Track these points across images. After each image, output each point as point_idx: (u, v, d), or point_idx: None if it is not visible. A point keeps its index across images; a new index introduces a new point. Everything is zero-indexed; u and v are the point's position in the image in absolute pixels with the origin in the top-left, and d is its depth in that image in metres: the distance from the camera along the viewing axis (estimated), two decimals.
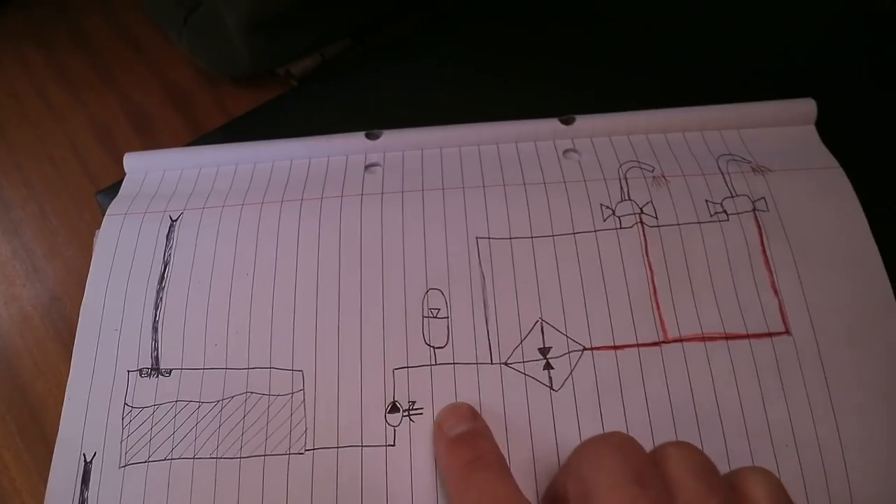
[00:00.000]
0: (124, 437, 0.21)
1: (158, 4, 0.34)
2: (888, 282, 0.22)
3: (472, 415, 0.20)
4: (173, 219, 0.24)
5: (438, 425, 0.20)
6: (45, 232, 0.31)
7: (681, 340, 0.22)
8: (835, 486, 0.20)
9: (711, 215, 0.23)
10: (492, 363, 0.21)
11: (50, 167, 0.33)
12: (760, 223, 0.23)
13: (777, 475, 0.19)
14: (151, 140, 0.34)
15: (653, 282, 0.22)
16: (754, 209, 0.24)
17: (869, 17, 0.33)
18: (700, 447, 0.20)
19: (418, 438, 0.20)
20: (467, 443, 0.19)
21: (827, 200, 0.24)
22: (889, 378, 0.21)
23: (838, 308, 0.22)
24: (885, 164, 0.27)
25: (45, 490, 0.21)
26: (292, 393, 0.21)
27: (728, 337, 0.22)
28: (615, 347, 0.22)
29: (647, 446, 0.20)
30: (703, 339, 0.22)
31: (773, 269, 0.23)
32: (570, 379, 0.21)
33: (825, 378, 0.21)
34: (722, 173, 0.24)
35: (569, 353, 0.22)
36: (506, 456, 0.20)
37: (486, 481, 0.17)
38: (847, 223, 0.23)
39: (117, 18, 0.38)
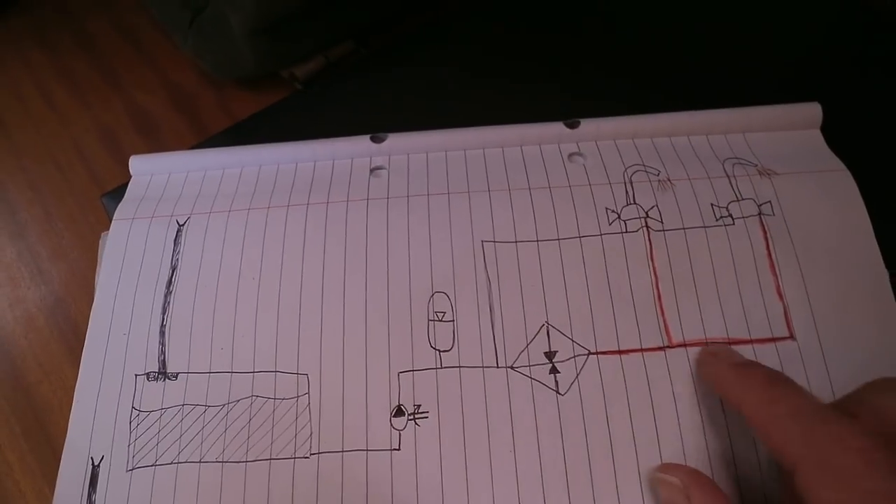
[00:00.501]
0: (132, 440, 0.21)
1: (163, 8, 0.34)
2: (889, 286, 0.22)
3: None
4: (180, 223, 0.25)
5: (714, 356, 0.21)
6: (50, 234, 0.31)
7: (685, 345, 0.22)
8: None
9: (717, 219, 0.23)
10: (497, 367, 0.21)
11: (55, 170, 0.33)
12: (766, 227, 0.23)
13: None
14: (156, 143, 0.34)
15: (657, 286, 0.23)
16: (760, 213, 0.24)
17: (872, 19, 0.33)
18: (706, 452, 0.20)
19: (424, 442, 0.21)
20: (758, 365, 0.19)
21: (832, 203, 0.24)
22: None
23: (842, 312, 0.22)
24: (890, 167, 0.27)
25: (49, 492, 0.21)
26: (297, 396, 0.21)
27: (732, 342, 0.22)
28: (620, 352, 0.22)
29: (653, 450, 0.20)
30: (707, 343, 0.22)
31: (778, 273, 0.23)
32: (576, 383, 0.21)
33: (830, 382, 0.21)
34: (728, 177, 0.24)
35: (574, 357, 0.22)
36: (512, 460, 0.20)
37: (793, 393, 0.18)
38: (851, 226, 0.23)
39: (122, 21, 0.39)
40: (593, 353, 0.22)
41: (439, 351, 0.22)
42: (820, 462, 0.15)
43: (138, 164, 0.27)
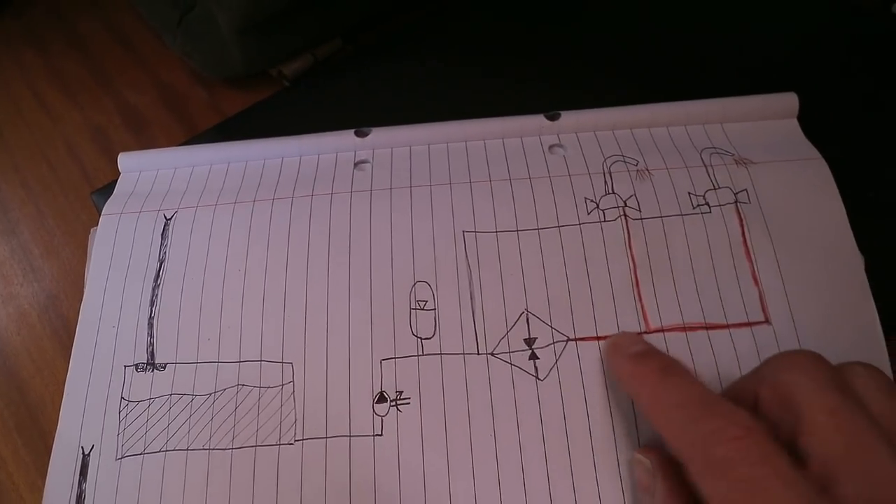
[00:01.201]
0: (121, 430, 0.22)
1: (152, 8, 0.35)
2: (863, 271, 0.23)
3: (643, 339, 0.21)
4: (168, 217, 0.25)
5: (615, 347, 0.21)
6: (43, 232, 0.32)
7: (662, 331, 0.22)
8: None
9: (694, 207, 0.24)
10: (478, 353, 0.22)
11: (47, 168, 0.34)
12: (742, 215, 0.24)
13: None
14: (147, 141, 0.34)
15: (635, 274, 0.23)
16: (736, 201, 0.24)
17: (851, 11, 0.34)
18: None
19: (406, 428, 0.21)
20: (652, 355, 0.20)
21: (807, 191, 0.24)
22: None
23: (817, 298, 0.22)
24: (865, 156, 0.28)
25: (42, 484, 0.22)
26: (282, 385, 0.22)
27: (708, 327, 0.22)
28: (598, 338, 0.22)
29: (631, 433, 0.21)
30: (684, 329, 0.22)
31: (753, 259, 0.23)
32: (555, 369, 0.22)
33: None
34: (705, 166, 0.25)
35: (553, 343, 0.22)
36: (492, 444, 0.21)
37: (682, 384, 0.18)
38: (826, 214, 0.23)
39: (112, 22, 0.39)
40: (572, 340, 0.22)
41: (421, 339, 0.22)
42: (702, 454, 0.16)
43: (127, 161, 0.28)
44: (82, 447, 0.21)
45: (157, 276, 0.24)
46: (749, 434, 0.15)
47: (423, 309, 0.23)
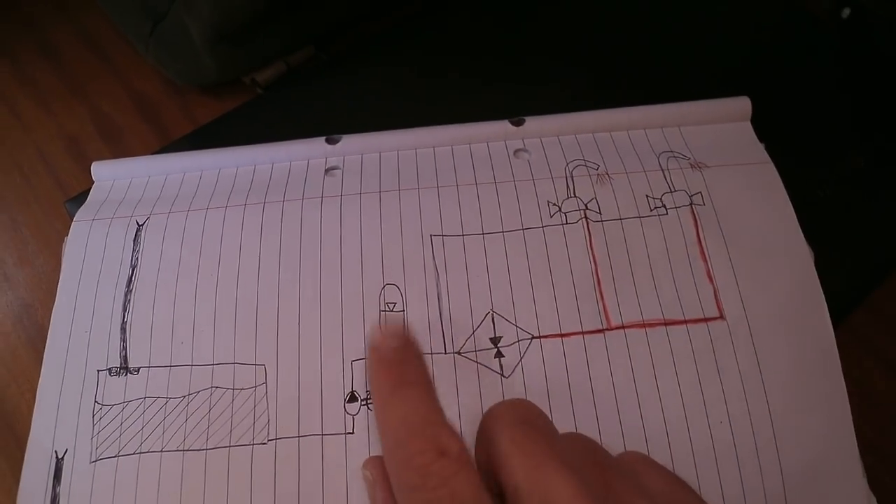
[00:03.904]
0: (95, 433, 0.22)
1: (125, 17, 0.35)
2: (813, 265, 0.24)
3: (404, 334, 0.19)
4: (140, 223, 0.25)
5: (372, 347, 0.19)
6: (16, 241, 0.32)
7: (623, 327, 0.23)
8: (765, 456, 0.21)
9: (651, 210, 0.25)
10: (445, 353, 0.23)
11: (20, 178, 0.34)
12: (697, 216, 0.25)
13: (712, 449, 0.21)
14: (120, 149, 0.35)
15: (597, 273, 0.24)
16: (691, 203, 0.25)
17: (803, 19, 0.35)
18: (641, 425, 0.22)
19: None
20: (396, 364, 0.18)
21: (758, 193, 0.25)
22: (814, 356, 0.23)
23: (768, 293, 0.23)
24: (816, 156, 0.29)
25: (17, 490, 0.22)
26: (255, 386, 0.22)
27: (667, 323, 0.23)
28: (562, 335, 0.23)
29: (593, 426, 0.22)
30: (643, 325, 0.23)
31: (708, 259, 0.24)
32: (519, 366, 0.23)
33: (756, 358, 0.23)
34: (662, 170, 0.26)
35: (518, 341, 0.23)
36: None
37: (411, 399, 0.17)
38: (776, 214, 0.25)
39: (85, 30, 0.39)
40: (536, 338, 0.23)
41: None
42: (397, 473, 0.16)
43: (100, 170, 0.28)
44: (56, 451, 0.22)
45: (130, 280, 0.24)
46: (439, 459, 0.15)
47: (392, 311, 0.23)
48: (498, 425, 0.17)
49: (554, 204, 0.25)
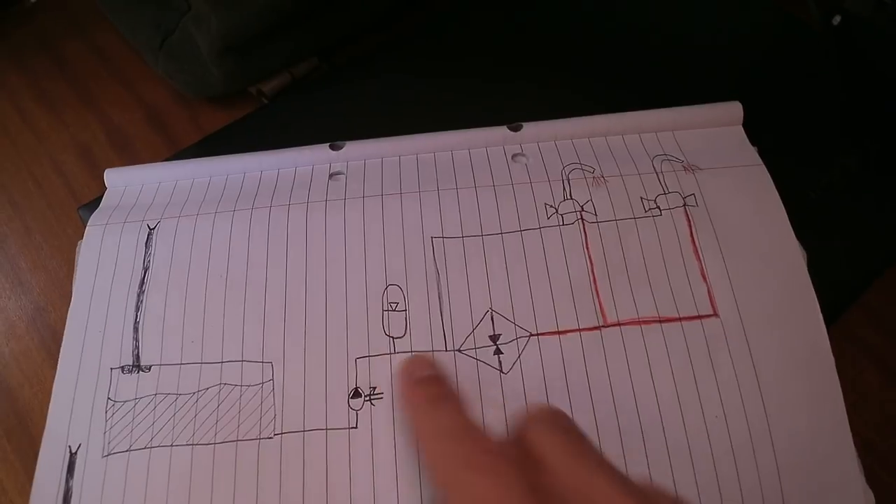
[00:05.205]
0: (107, 428, 0.23)
1: (135, 31, 0.36)
2: (805, 266, 0.24)
3: (433, 363, 0.23)
4: (151, 227, 0.26)
5: (403, 371, 0.22)
6: (30, 247, 0.33)
7: (619, 325, 0.24)
8: (761, 452, 0.22)
9: (646, 211, 0.26)
10: (446, 350, 0.23)
11: (33, 186, 0.35)
12: (690, 217, 0.25)
13: (709, 445, 0.22)
14: (131, 158, 0.36)
15: (593, 273, 0.25)
16: (685, 204, 0.26)
17: (794, 26, 0.36)
18: (637, 418, 0.22)
19: (379, 420, 0.22)
20: (430, 382, 0.21)
21: (750, 195, 0.26)
22: (806, 352, 0.23)
23: (760, 291, 0.24)
24: (808, 159, 0.30)
25: (31, 488, 0.23)
26: (262, 383, 0.23)
27: (662, 320, 0.24)
28: (559, 332, 0.24)
29: (590, 421, 0.22)
30: (639, 322, 0.24)
31: (701, 258, 0.25)
32: (518, 362, 0.23)
33: (750, 354, 0.23)
34: (656, 172, 0.27)
35: (517, 339, 0.24)
36: None
37: (448, 413, 0.20)
38: (768, 215, 0.25)
39: (96, 44, 0.40)
40: (534, 335, 0.24)
41: (393, 338, 0.24)
42: (453, 476, 0.18)
43: (113, 177, 0.29)
44: (69, 446, 0.23)
45: (142, 282, 0.25)
46: (493, 458, 0.18)
47: (394, 310, 0.24)
48: (540, 427, 0.19)
49: (551, 206, 0.26)
